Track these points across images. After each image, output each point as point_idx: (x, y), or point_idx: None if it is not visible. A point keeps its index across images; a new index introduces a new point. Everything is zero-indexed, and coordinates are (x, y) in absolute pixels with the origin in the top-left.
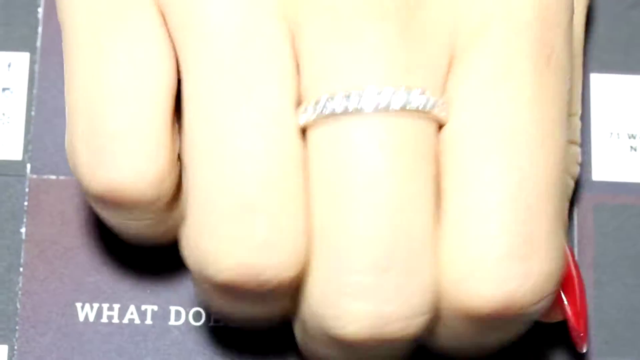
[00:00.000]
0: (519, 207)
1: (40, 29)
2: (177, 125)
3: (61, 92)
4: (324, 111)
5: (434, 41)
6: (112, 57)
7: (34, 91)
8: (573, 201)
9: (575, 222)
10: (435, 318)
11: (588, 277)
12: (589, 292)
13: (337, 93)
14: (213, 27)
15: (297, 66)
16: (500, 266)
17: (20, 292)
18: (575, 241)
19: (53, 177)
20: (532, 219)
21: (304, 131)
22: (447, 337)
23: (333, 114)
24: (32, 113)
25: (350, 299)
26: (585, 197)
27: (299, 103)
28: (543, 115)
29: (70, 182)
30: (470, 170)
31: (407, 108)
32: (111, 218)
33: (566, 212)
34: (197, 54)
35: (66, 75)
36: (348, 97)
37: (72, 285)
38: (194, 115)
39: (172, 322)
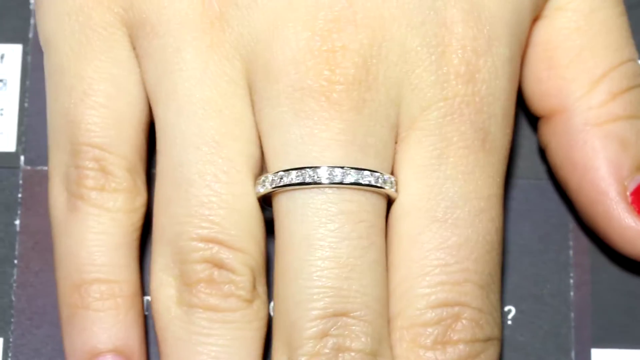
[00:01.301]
0: (445, 281)
1: (32, 21)
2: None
3: None
4: (280, 182)
5: (383, 121)
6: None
7: (27, 83)
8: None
9: (571, 207)
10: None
11: (585, 263)
12: (585, 277)
13: (293, 169)
14: (182, 99)
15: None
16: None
17: (15, 284)
18: (571, 226)
19: (46, 168)
20: (459, 290)
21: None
22: None
23: (289, 186)
24: (26, 105)
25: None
26: None
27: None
28: (477, 192)
29: None
30: (402, 248)
31: (360, 182)
32: None
33: (499, 274)
34: (167, 112)
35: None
36: (303, 174)
37: None
38: (161, 155)
39: None
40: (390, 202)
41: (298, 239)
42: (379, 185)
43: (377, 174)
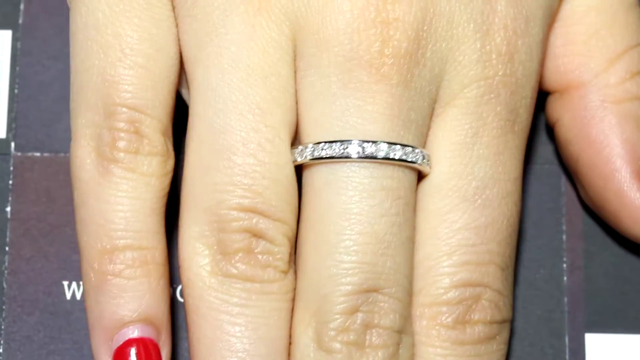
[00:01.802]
0: (470, 261)
1: (22, 7)
2: None
3: (44, 68)
4: (322, 154)
5: (425, 96)
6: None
7: (17, 69)
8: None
9: (564, 191)
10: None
11: (578, 247)
12: (578, 262)
13: (336, 142)
14: (227, 63)
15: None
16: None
17: (6, 272)
18: (564, 211)
19: (37, 154)
20: (483, 271)
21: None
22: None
23: (331, 158)
24: (16, 91)
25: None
26: None
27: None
28: (505, 175)
29: (55, 159)
30: (430, 225)
31: (405, 159)
32: None
33: (513, 259)
34: (207, 75)
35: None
36: (347, 147)
37: (58, 264)
38: (198, 119)
39: None
40: (420, 177)
41: (336, 212)
42: (418, 161)
43: (417, 150)
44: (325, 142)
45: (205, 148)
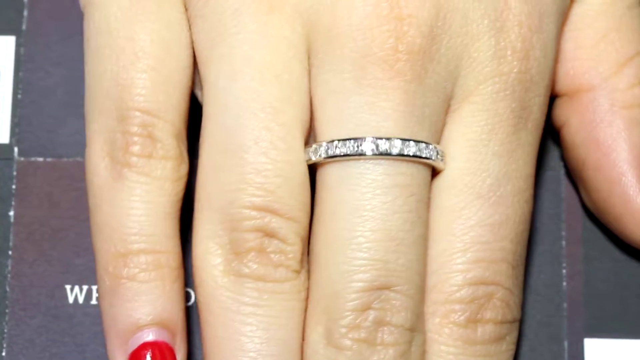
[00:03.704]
0: (484, 259)
1: (25, 13)
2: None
3: (48, 74)
4: (336, 152)
5: (440, 93)
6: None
7: (20, 74)
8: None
9: (564, 197)
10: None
11: (577, 252)
12: (578, 268)
13: (350, 139)
14: (239, 63)
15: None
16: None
17: (9, 275)
18: (564, 217)
19: (40, 159)
20: (495, 269)
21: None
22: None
23: (346, 156)
24: (19, 96)
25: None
26: None
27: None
28: (519, 172)
29: (57, 164)
30: (443, 221)
31: (419, 155)
32: None
33: (524, 257)
34: (219, 75)
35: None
36: (361, 144)
37: (61, 268)
38: (210, 120)
39: None
40: (434, 173)
41: (349, 209)
42: (432, 157)
43: (431, 146)
44: (339, 140)
45: (218, 148)
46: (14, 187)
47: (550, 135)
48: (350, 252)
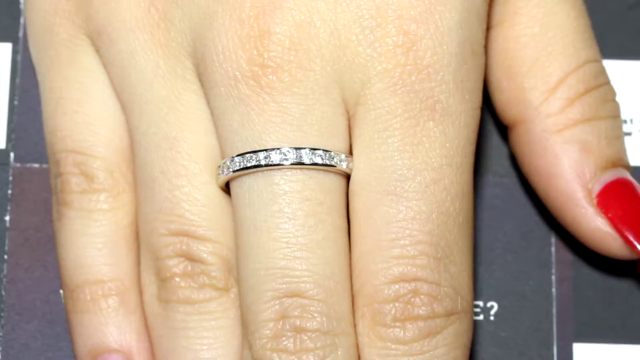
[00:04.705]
0: (400, 255)
1: (22, 20)
2: None
3: None
4: (230, 169)
5: (322, 99)
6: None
7: (17, 81)
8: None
9: None
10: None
11: (566, 259)
12: (567, 273)
13: (237, 156)
14: (140, 101)
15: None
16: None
17: (5, 280)
18: (553, 222)
19: (36, 165)
20: (415, 264)
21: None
22: None
23: (238, 171)
24: (15, 102)
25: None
26: None
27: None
28: (428, 163)
29: None
30: (357, 224)
31: (302, 161)
32: None
33: (464, 244)
34: (132, 115)
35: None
36: (245, 159)
37: (56, 273)
38: (135, 155)
39: None
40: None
41: (246, 223)
42: (323, 162)
43: (319, 152)
44: (230, 158)
45: (139, 182)
46: (9, 192)
47: None
48: (252, 264)
